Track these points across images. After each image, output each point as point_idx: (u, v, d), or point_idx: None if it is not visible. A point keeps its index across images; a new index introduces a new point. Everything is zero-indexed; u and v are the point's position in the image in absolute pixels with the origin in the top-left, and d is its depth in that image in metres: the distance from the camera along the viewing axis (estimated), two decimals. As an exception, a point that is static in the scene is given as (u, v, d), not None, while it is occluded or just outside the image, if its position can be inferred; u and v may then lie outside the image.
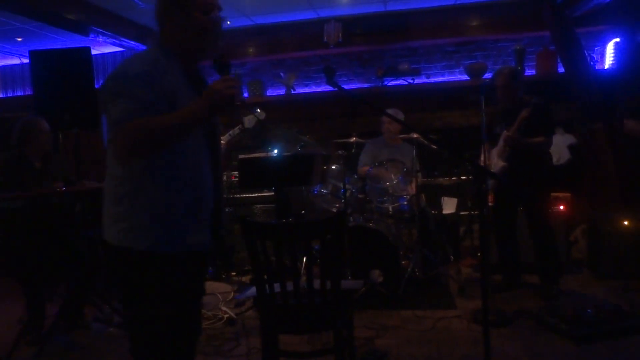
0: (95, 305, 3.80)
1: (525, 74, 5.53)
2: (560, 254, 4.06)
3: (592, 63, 5.48)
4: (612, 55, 5.43)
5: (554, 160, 5.13)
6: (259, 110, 4.28)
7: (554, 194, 4.39)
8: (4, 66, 6.83)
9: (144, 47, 5.91)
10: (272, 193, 4.34)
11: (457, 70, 5.91)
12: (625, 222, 4.22)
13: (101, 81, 6.37)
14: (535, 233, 3.94)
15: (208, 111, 1.60)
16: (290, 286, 2.27)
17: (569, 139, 5.39)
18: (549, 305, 3.61)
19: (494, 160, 4.00)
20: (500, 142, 3.92)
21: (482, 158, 4.07)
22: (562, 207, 4.56)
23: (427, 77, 5.94)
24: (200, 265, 1.84)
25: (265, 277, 2.32)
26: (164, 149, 1.63)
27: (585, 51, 5.35)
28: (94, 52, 5.18)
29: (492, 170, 3.99)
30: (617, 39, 5.31)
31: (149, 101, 1.58)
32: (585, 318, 3.14)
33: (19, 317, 3.85)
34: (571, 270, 4.44)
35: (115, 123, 1.57)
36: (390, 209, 4.32)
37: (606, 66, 5.49)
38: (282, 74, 6.15)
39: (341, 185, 4.14)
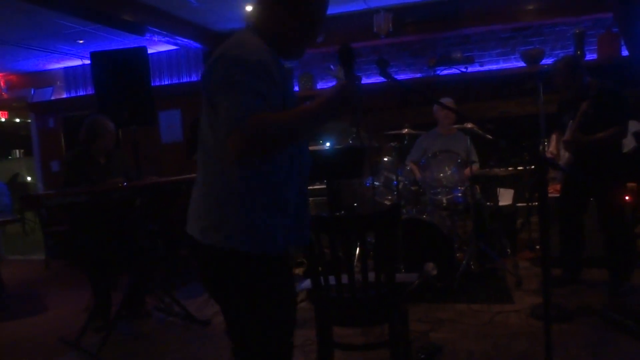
0: (157, 296, 3.95)
1: (586, 58, 5.28)
2: (634, 249, 3.85)
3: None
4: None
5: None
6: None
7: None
8: (67, 67, 7.17)
9: (198, 45, 6.05)
10: (324, 186, 4.35)
11: (512, 57, 5.71)
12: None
13: (157, 79, 6.60)
14: (607, 226, 3.71)
15: (338, 111, 1.47)
16: (344, 279, 2.28)
17: (634, 125, 5.11)
18: (614, 301, 3.46)
19: (562, 150, 3.82)
20: (567, 133, 3.74)
21: (549, 148, 3.89)
22: (627, 198, 4.34)
23: (481, 65, 5.77)
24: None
25: (320, 269, 2.34)
26: (286, 147, 1.52)
27: (651, 33, 5.06)
28: (149, 51, 5.36)
29: (559, 161, 3.83)
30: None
31: (268, 94, 1.44)
32: (654, 315, 2.99)
33: (86, 305, 4.06)
34: (637, 264, 4.23)
35: (233, 119, 1.39)
36: (444, 201, 4.25)
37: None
38: (332, 66, 6.14)
39: (394, 177, 4.11)
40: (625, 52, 5.20)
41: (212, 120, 1.52)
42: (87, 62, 6.69)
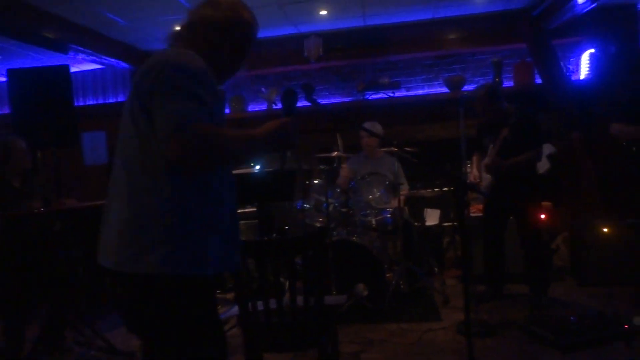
0: (76, 328, 3.72)
1: (503, 85, 5.62)
2: (550, 264, 4.08)
3: (568, 73, 5.60)
4: (588, 65, 5.55)
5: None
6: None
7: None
8: (-19, 85, 6.73)
9: (124, 65, 5.88)
10: (255, 209, 4.32)
11: (436, 83, 5.98)
12: (605, 229, 4.27)
13: (81, 99, 6.34)
14: (526, 243, 3.93)
15: (272, 147, 1.54)
16: (273, 304, 2.26)
17: (548, 148, 5.47)
18: (533, 314, 3.63)
19: (483, 172, 4.01)
20: (488, 158, 3.92)
21: (472, 170, 4.07)
22: (543, 216, 4.61)
23: (407, 90, 6.00)
24: None
25: (248, 294, 2.30)
26: (222, 164, 1.54)
27: (561, 62, 5.47)
28: (73, 69, 5.14)
29: (482, 182, 4.01)
30: (592, 50, 5.43)
31: (209, 104, 1.43)
32: (570, 327, 3.16)
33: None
34: (554, 278, 4.48)
35: (177, 122, 1.35)
36: (374, 222, 4.33)
37: (582, 76, 5.60)
38: (263, 89, 6.16)
39: (324, 199, 4.14)
40: (539, 80, 5.58)
41: (141, 129, 1.45)
42: (3, 79, 6.32)
